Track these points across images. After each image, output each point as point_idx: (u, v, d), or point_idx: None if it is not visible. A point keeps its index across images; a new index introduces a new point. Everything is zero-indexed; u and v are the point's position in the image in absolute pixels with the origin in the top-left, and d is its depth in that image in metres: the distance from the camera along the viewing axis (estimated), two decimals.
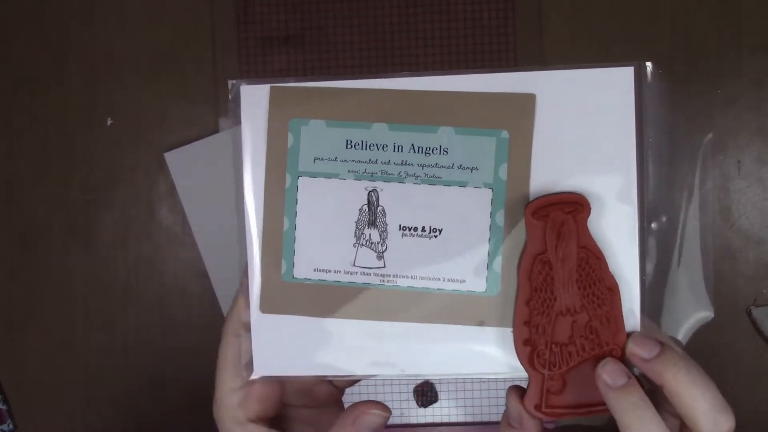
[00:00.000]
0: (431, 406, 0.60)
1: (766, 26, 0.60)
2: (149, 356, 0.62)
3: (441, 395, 0.60)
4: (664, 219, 0.33)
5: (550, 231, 0.30)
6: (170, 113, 0.62)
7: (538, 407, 0.30)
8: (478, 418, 0.60)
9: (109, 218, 0.62)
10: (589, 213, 0.30)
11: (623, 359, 0.30)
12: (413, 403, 0.60)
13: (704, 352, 0.59)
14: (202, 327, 0.62)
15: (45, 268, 0.62)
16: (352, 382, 0.38)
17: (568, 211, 0.30)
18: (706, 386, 0.28)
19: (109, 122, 0.62)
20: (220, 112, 0.62)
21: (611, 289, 0.30)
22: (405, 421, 0.60)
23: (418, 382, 0.61)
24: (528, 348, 0.30)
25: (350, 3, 0.61)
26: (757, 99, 0.60)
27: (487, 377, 0.33)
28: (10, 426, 0.62)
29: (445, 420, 0.60)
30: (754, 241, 0.60)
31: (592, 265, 0.30)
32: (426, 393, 0.60)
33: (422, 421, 0.61)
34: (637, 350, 0.29)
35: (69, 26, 0.62)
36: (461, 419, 0.60)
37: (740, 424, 0.65)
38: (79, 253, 0.62)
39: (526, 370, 0.31)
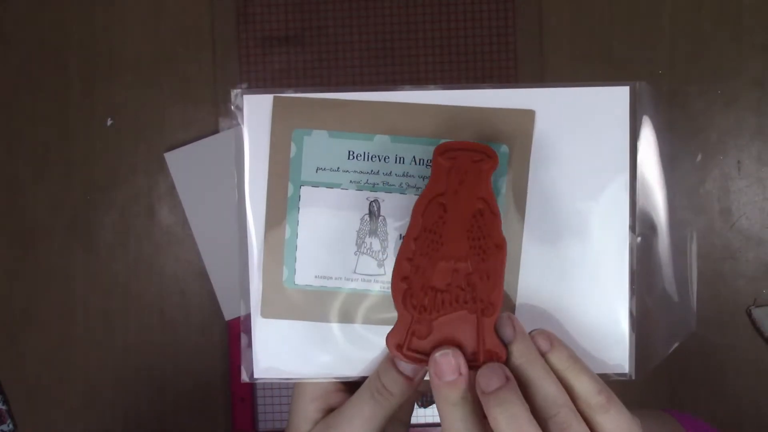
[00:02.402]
0: (431, 406, 0.60)
1: (766, 26, 0.60)
2: (149, 356, 0.62)
3: None
4: (646, 232, 0.33)
5: (454, 174, 0.30)
6: (170, 113, 0.62)
7: (399, 347, 0.30)
8: None
9: (109, 218, 0.62)
10: (495, 167, 0.30)
11: (495, 317, 0.30)
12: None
13: (704, 352, 0.60)
14: (202, 327, 0.62)
15: (45, 268, 0.62)
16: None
17: (476, 160, 0.30)
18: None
19: (109, 122, 0.62)
20: (220, 112, 0.62)
21: (499, 246, 0.30)
22: None
23: None
24: (404, 285, 0.30)
25: (350, 3, 0.61)
26: (757, 99, 0.60)
27: None
28: (10, 426, 0.62)
29: None
30: (754, 241, 0.60)
31: (486, 219, 0.30)
32: (426, 393, 0.60)
33: (422, 421, 0.61)
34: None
35: (69, 26, 0.62)
36: None
37: (740, 423, 0.65)
38: (79, 253, 0.62)
39: (397, 308, 0.30)
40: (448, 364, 0.29)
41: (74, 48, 0.62)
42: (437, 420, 0.61)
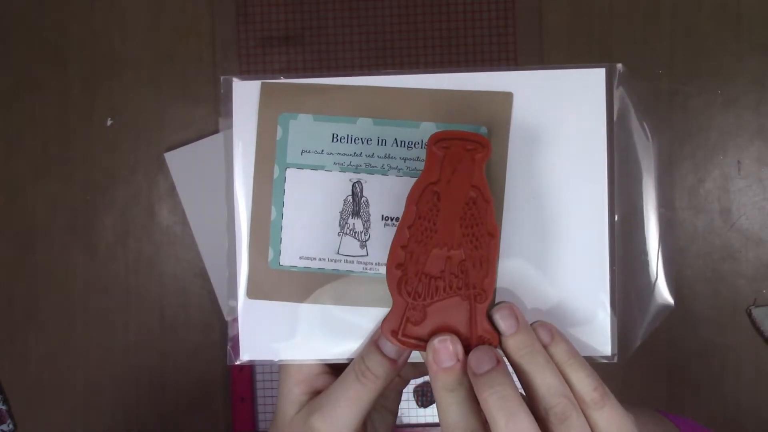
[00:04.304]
0: (431, 406, 0.60)
1: (766, 26, 0.60)
2: (149, 356, 0.62)
3: None
4: (625, 212, 0.34)
5: (447, 163, 0.31)
6: (170, 113, 0.62)
7: (395, 333, 0.31)
8: None
9: (109, 218, 0.62)
10: (488, 155, 0.31)
11: (487, 303, 0.30)
12: (413, 403, 0.60)
13: (704, 352, 0.60)
14: (202, 327, 0.62)
15: (45, 268, 0.62)
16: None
17: (469, 148, 0.31)
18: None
19: (109, 122, 0.62)
20: (220, 112, 0.62)
21: (491, 235, 0.30)
22: (405, 421, 0.60)
23: (419, 381, 0.61)
24: (399, 272, 0.31)
25: (350, 3, 0.61)
26: (757, 99, 0.60)
27: None
28: (10, 426, 0.62)
29: None
30: (754, 241, 0.60)
31: (479, 207, 0.31)
32: (426, 393, 0.60)
33: (422, 421, 0.61)
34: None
35: (69, 26, 0.62)
36: None
37: (740, 423, 0.65)
38: (79, 253, 0.62)
39: (392, 295, 0.31)
40: (446, 350, 0.29)
41: (74, 48, 0.62)
42: (437, 420, 0.61)
